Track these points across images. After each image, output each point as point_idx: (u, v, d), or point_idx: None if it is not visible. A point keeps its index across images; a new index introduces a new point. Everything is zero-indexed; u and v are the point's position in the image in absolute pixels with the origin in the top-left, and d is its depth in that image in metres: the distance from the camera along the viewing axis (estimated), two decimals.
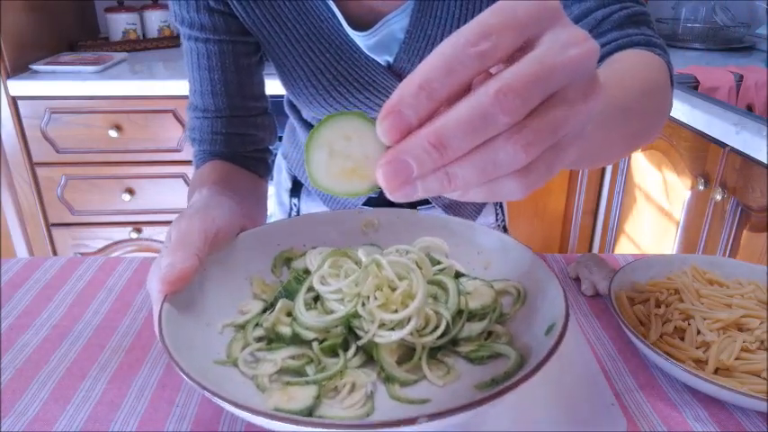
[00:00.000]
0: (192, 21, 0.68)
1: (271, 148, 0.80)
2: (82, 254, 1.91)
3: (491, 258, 0.54)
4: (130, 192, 1.81)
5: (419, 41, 0.68)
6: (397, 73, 0.71)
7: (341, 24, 0.68)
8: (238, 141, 0.74)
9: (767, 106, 1.65)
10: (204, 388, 0.36)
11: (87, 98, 1.69)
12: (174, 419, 0.48)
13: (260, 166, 0.77)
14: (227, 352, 0.47)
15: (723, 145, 1.31)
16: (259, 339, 0.49)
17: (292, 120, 0.90)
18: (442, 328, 0.46)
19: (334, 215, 0.60)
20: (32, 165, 1.78)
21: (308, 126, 0.87)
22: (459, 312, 0.48)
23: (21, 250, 1.89)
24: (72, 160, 1.78)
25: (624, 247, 1.80)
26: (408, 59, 0.69)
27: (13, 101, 1.69)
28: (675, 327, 0.56)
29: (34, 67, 1.75)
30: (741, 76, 1.65)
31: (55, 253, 1.90)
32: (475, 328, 0.48)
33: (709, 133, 1.35)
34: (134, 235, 1.85)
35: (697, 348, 0.53)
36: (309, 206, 0.94)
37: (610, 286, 0.58)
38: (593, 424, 0.47)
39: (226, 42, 0.69)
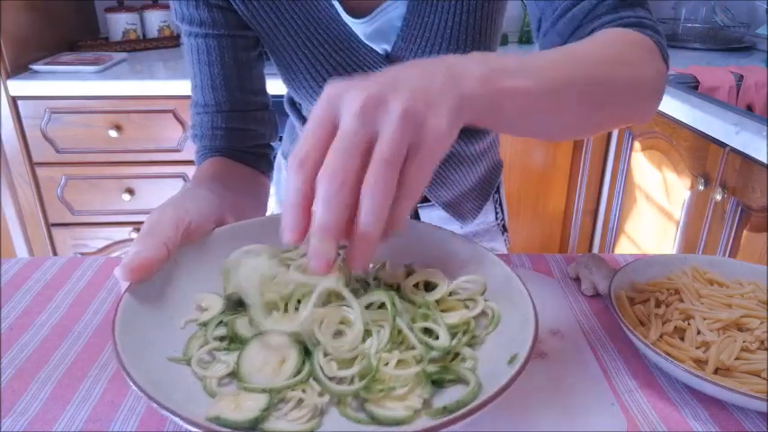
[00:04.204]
0: (192, 17, 0.68)
1: (272, 144, 0.80)
2: (82, 254, 1.91)
3: (472, 273, 0.53)
4: (130, 192, 1.81)
5: (416, 29, 0.68)
6: (394, 62, 0.71)
7: (339, 14, 0.68)
8: (239, 137, 0.74)
9: (767, 106, 1.65)
10: (138, 386, 0.35)
11: (87, 98, 1.69)
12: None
13: (260, 161, 0.77)
14: (183, 349, 0.45)
15: (723, 145, 1.31)
16: (222, 339, 0.47)
17: (292, 118, 0.90)
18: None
19: None
20: (32, 165, 1.78)
21: None
22: (427, 331, 0.47)
23: (21, 250, 1.89)
24: (72, 160, 1.78)
25: (624, 247, 1.80)
26: (406, 48, 0.69)
27: (13, 101, 1.69)
28: (675, 327, 0.56)
29: (34, 67, 1.75)
30: (741, 76, 1.65)
31: (55, 253, 1.90)
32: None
33: (710, 133, 1.35)
34: (134, 235, 1.85)
35: (697, 348, 0.53)
36: None
37: (610, 286, 0.58)
38: (593, 424, 0.47)
39: (225, 37, 0.70)
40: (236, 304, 0.49)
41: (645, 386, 0.52)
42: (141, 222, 0.49)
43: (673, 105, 1.47)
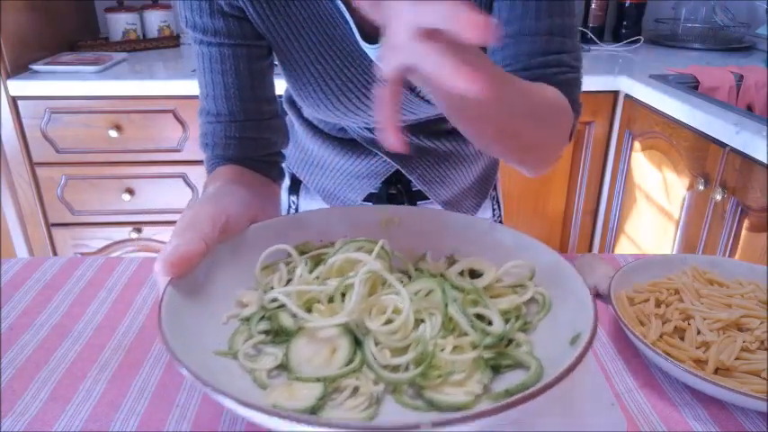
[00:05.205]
0: (206, 26, 0.67)
1: (283, 151, 0.79)
2: (82, 254, 1.91)
3: (517, 260, 0.52)
4: (130, 192, 1.81)
5: None
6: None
7: (353, 32, 0.68)
8: (252, 146, 0.72)
9: (767, 106, 1.65)
10: (200, 380, 0.34)
11: (87, 98, 1.69)
12: (174, 419, 0.48)
13: (272, 169, 0.76)
14: (229, 343, 0.46)
15: (723, 145, 1.31)
16: (266, 333, 0.47)
17: (291, 117, 0.90)
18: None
19: (354, 210, 0.59)
20: (32, 165, 1.78)
21: (308, 124, 0.87)
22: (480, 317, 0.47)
23: (21, 250, 1.89)
24: (72, 160, 1.78)
25: (624, 247, 1.80)
26: None
27: (13, 101, 1.69)
28: (675, 327, 0.56)
29: (34, 67, 1.74)
30: (741, 76, 1.65)
31: (55, 253, 1.90)
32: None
33: (710, 133, 1.35)
34: (134, 235, 1.85)
35: (697, 348, 0.53)
36: (309, 204, 0.94)
37: (610, 286, 0.58)
38: (593, 424, 0.47)
39: (240, 46, 0.68)
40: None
41: (645, 386, 0.52)
42: (141, 222, 0.49)
43: (673, 105, 1.47)
